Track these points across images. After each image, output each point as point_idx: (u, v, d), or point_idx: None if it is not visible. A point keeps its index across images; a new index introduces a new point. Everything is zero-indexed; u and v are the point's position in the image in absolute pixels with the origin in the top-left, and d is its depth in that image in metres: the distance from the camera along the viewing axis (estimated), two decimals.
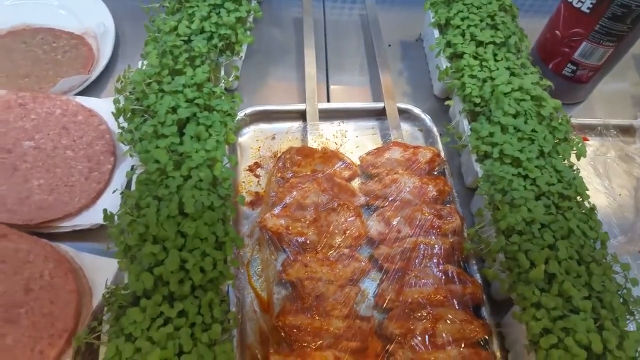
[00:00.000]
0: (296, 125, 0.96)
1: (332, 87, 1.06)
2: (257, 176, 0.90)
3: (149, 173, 0.69)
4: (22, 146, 0.81)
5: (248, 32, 0.91)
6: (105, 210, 0.68)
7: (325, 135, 0.95)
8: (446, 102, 0.95)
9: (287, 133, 0.95)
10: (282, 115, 0.97)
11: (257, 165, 0.91)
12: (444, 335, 0.71)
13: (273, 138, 0.95)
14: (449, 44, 0.95)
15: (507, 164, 0.77)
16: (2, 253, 0.66)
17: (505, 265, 0.70)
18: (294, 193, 0.82)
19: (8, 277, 0.65)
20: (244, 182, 0.88)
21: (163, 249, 0.62)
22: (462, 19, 0.96)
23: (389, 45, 1.15)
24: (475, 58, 0.90)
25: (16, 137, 0.81)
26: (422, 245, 0.79)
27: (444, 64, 0.95)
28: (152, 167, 0.69)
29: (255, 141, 0.94)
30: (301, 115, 0.97)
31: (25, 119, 0.83)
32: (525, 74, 0.88)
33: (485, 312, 0.75)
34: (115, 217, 0.67)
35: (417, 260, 0.77)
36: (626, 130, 1.03)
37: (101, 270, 0.69)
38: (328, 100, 1.04)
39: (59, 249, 0.70)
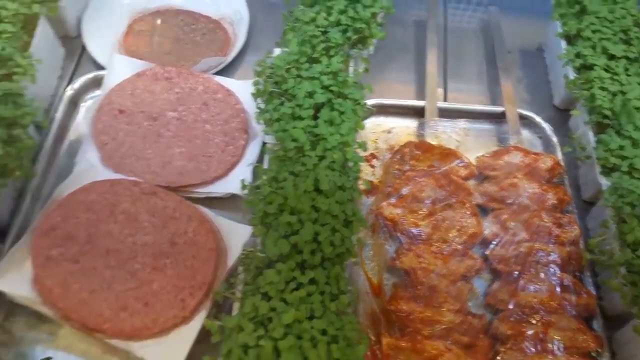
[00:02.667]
0: (412, 122, 0.99)
1: (449, 88, 1.08)
2: (373, 167, 0.93)
3: (286, 150, 0.73)
4: (166, 116, 0.88)
5: (380, 28, 0.94)
6: (242, 181, 0.74)
7: (443, 133, 0.97)
8: (572, 112, 0.94)
9: (405, 127, 0.98)
10: (399, 110, 1.00)
11: (373, 156, 0.94)
12: (555, 341, 0.71)
13: (389, 132, 0.98)
14: (578, 55, 0.94)
15: (637, 178, 0.76)
16: (152, 208, 0.73)
17: (629, 278, 0.69)
18: (411, 186, 0.85)
19: (157, 229, 0.71)
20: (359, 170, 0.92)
21: (298, 220, 0.66)
22: (594, 32, 0.95)
23: (509, 52, 1.15)
24: (606, 71, 0.89)
25: (161, 107, 0.88)
26: (538, 252, 0.79)
27: (572, 74, 0.94)
28: (290, 145, 0.73)
29: (372, 133, 0.97)
30: (417, 112, 0.99)
31: (170, 91, 0.90)
32: None
33: (597, 325, 0.75)
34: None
35: (532, 266, 0.78)
36: None
37: (235, 234, 0.74)
38: (446, 101, 1.06)
39: (201, 210, 0.76)
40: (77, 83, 0.94)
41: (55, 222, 0.71)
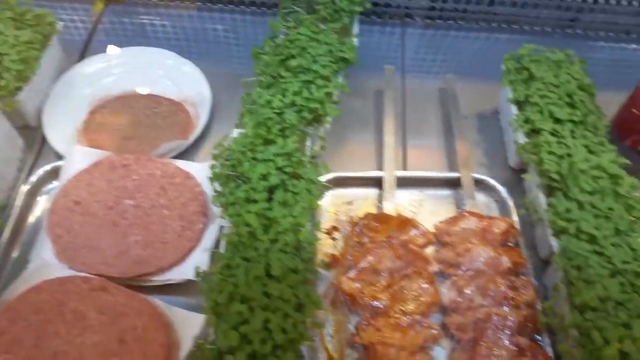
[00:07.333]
0: (373, 191, 1.01)
1: (408, 155, 1.10)
2: (334, 239, 0.94)
3: (240, 235, 0.74)
4: (123, 204, 0.89)
5: (334, 106, 0.97)
6: (197, 269, 0.75)
7: (401, 202, 0.99)
8: (524, 176, 0.97)
9: (365, 199, 1.00)
10: (359, 181, 1.02)
11: (334, 228, 0.95)
12: None
13: (350, 203, 1.00)
14: (527, 120, 0.97)
15: (583, 241, 0.78)
16: (102, 305, 0.73)
17: (579, 341, 0.70)
18: (370, 258, 0.86)
19: (105, 327, 0.71)
20: (320, 244, 0.93)
21: (249, 308, 0.66)
22: (541, 97, 0.98)
23: (466, 117, 1.18)
24: (553, 135, 0.92)
25: (118, 195, 0.89)
26: (494, 317, 0.80)
27: (522, 139, 0.97)
28: (243, 230, 0.74)
29: (332, 205, 0.99)
30: (377, 182, 1.01)
31: (127, 179, 0.91)
32: (602, 152, 0.89)
33: None
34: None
35: (489, 331, 0.78)
36: None
37: (188, 324, 0.73)
38: (404, 168, 1.08)
39: (153, 302, 0.75)
40: (35, 176, 0.94)
41: (2, 326, 0.71)
